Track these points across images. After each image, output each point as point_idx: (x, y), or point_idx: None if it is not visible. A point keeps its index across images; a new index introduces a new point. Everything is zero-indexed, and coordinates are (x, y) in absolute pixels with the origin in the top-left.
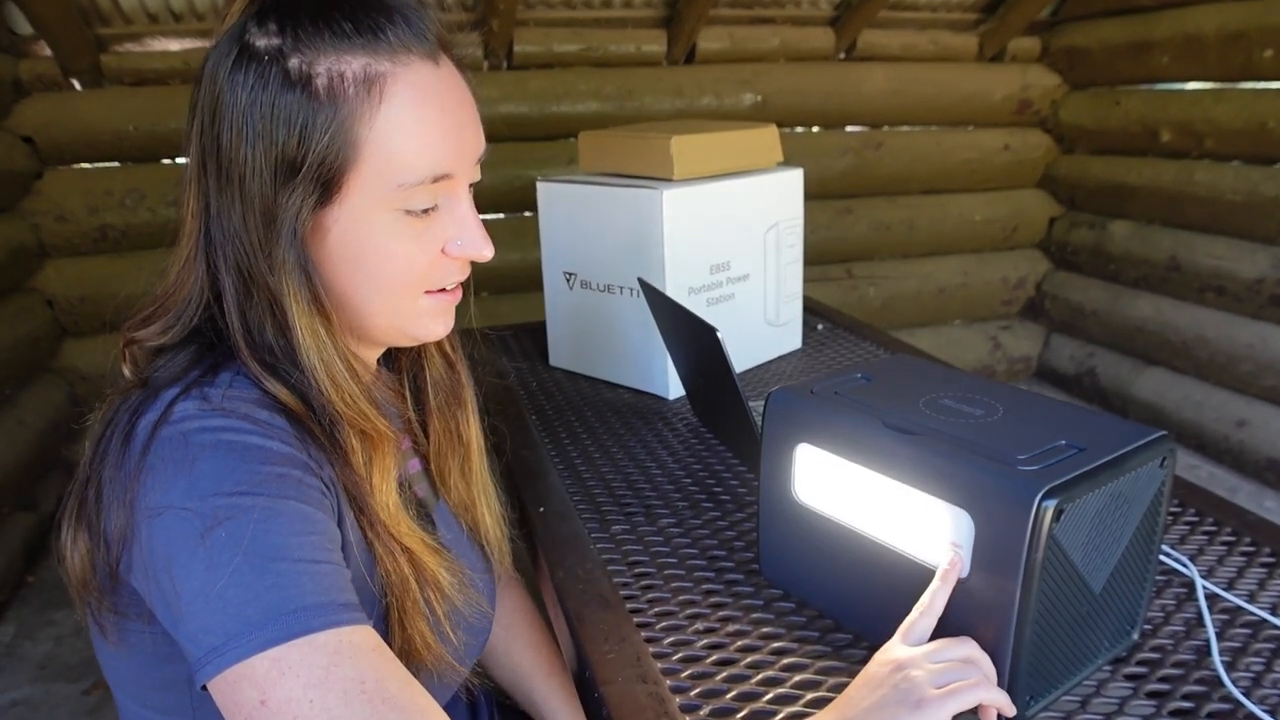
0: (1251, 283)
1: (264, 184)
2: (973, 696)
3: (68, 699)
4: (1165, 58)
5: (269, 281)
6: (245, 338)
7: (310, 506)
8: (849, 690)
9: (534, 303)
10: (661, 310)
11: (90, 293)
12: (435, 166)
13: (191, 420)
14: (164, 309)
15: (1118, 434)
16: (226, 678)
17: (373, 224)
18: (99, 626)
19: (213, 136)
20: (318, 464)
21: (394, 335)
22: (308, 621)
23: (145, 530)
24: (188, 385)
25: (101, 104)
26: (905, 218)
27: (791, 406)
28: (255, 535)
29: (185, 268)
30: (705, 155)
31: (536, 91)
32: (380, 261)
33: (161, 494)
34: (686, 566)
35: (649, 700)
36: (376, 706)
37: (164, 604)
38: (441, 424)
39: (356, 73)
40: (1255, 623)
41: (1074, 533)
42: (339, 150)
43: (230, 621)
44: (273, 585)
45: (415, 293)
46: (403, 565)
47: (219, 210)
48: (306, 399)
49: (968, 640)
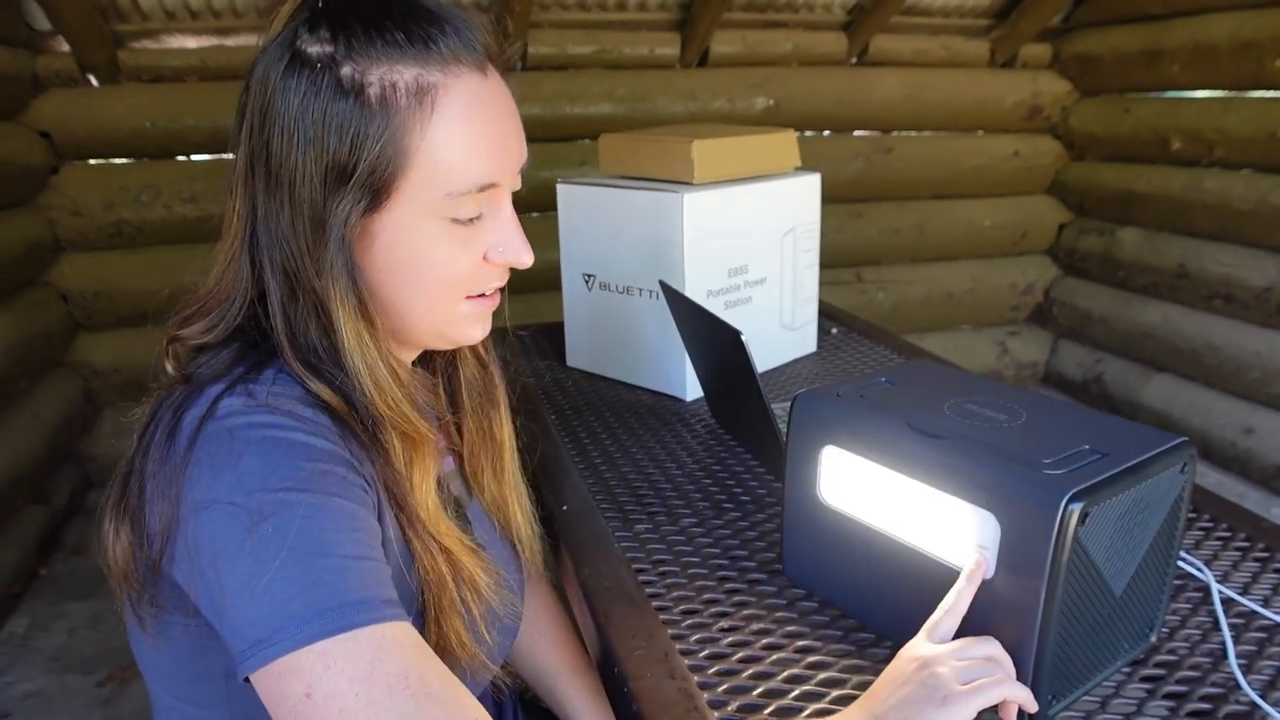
0: (1260, 290)
1: (314, 189)
2: (997, 693)
3: (81, 691)
4: (1176, 66)
5: (315, 285)
6: (289, 339)
7: (353, 503)
8: (875, 687)
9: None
10: (682, 313)
11: (105, 288)
12: (482, 176)
13: (237, 416)
14: (207, 308)
15: (1140, 440)
16: (271, 670)
17: (419, 231)
18: (137, 618)
19: (262, 141)
20: (359, 461)
21: (434, 339)
22: (352, 617)
23: (191, 524)
24: (232, 381)
25: (118, 100)
26: (915, 222)
27: (818, 409)
28: (301, 531)
29: (229, 268)
30: (725, 159)
31: (550, 93)
32: (425, 268)
33: (207, 488)
34: (709, 566)
35: (678, 696)
36: (420, 700)
37: (208, 597)
38: (475, 424)
39: (409, 83)
40: (1270, 627)
41: (1098, 536)
42: (390, 159)
43: (276, 616)
44: (318, 580)
45: (457, 298)
46: (441, 565)
47: (267, 213)
48: (349, 399)
49: (991, 639)
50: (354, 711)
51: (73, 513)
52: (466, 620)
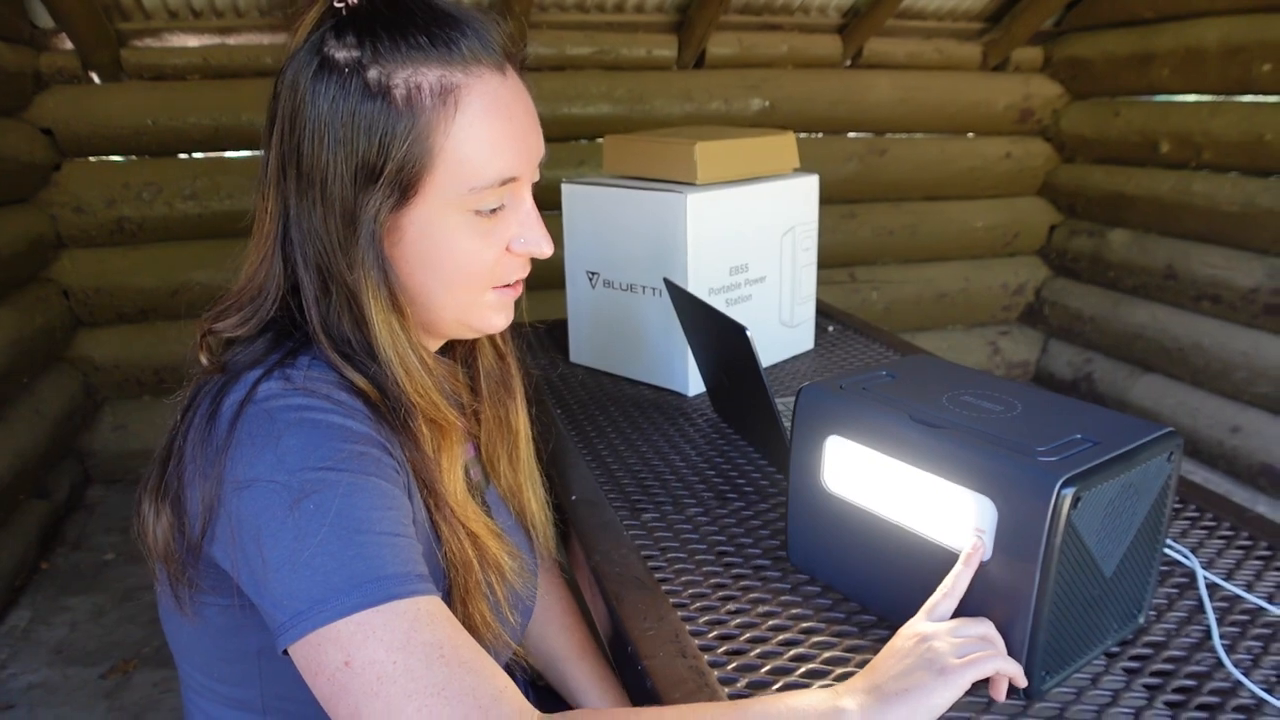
0: (1246, 292)
1: (345, 188)
2: (990, 666)
3: (85, 683)
4: (1165, 70)
5: (347, 279)
6: (324, 330)
7: (388, 483)
8: (877, 661)
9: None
10: (687, 309)
11: (106, 284)
12: (503, 170)
13: (276, 399)
14: (240, 303)
15: (1129, 429)
16: (310, 641)
17: (445, 224)
18: (175, 598)
19: (293, 144)
20: (391, 444)
21: (458, 328)
22: (390, 589)
23: (234, 501)
24: (270, 367)
25: (120, 98)
26: (908, 223)
27: (822, 401)
28: (341, 508)
29: (262, 265)
30: (726, 161)
31: (548, 93)
32: (451, 259)
33: (249, 467)
34: (716, 553)
35: (689, 673)
36: (454, 669)
37: (249, 571)
38: (492, 412)
39: (433, 84)
40: (1253, 610)
41: (1089, 519)
42: (417, 157)
43: (317, 588)
44: (357, 555)
45: (482, 288)
46: (467, 548)
47: (299, 212)
48: (382, 387)
49: (985, 620)
50: (392, 678)
51: (73, 507)
52: (491, 602)
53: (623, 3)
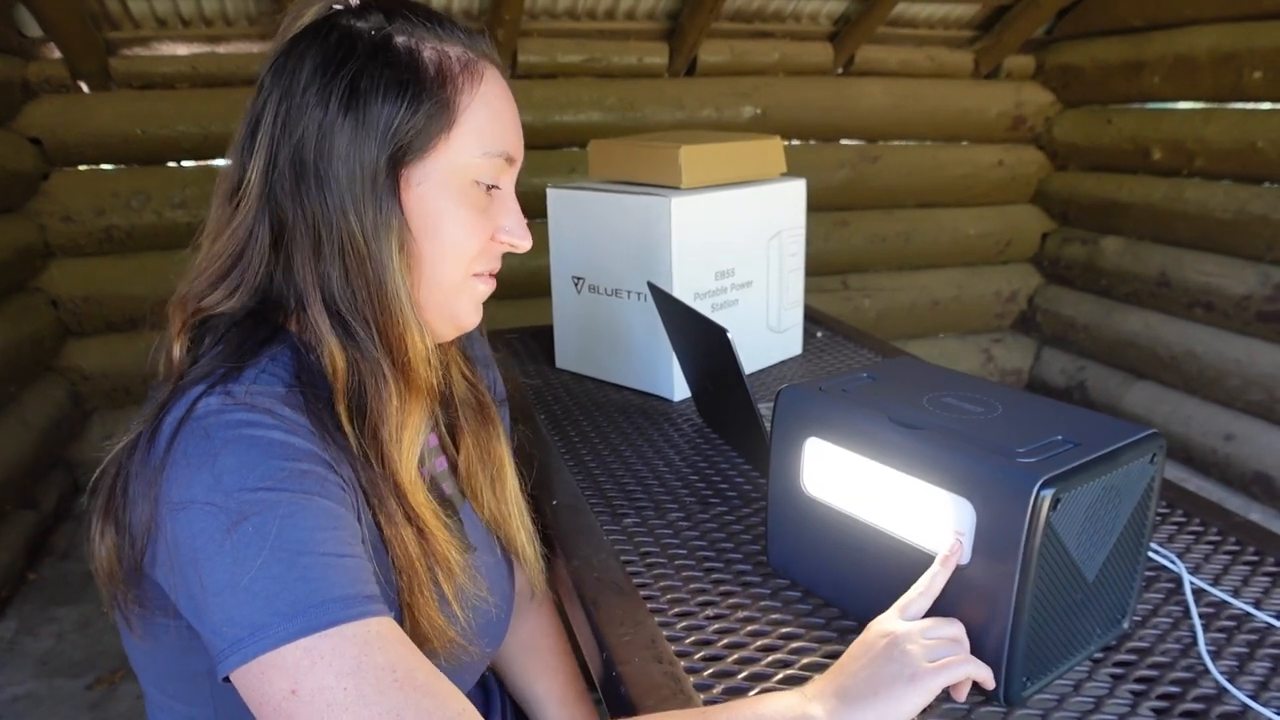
0: (1239, 299)
1: (366, 140)
2: (961, 671)
3: (70, 695)
4: (1157, 77)
5: (354, 227)
6: (317, 288)
7: (333, 502)
8: (844, 661)
9: (533, 309)
10: (670, 314)
11: (94, 293)
12: (508, 146)
13: (214, 415)
14: (222, 274)
15: (1110, 431)
16: (252, 669)
17: (453, 186)
18: (124, 619)
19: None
20: (337, 461)
21: (441, 318)
22: (338, 613)
23: (170, 524)
24: (212, 383)
25: (109, 107)
26: (900, 231)
27: (801, 403)
28: (282, 530)
29: (243, 226)
30: (712, 165)
31: (540, 101)
32: (452, 227)
33: (185, 488)
34: (696, 558)
35: (664, 679)
36: (409, 693)
37: (188, 597)
38: (472, 440)
39: (460, 56)
40: (1239, 616)
41: (1069, 522)
42: (441, 115)
43: (257, 614)
44: (300, 578)
45: (468, 271)
46: (411, 545)
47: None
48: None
49: (955, 621)
50: (343, 706)
51: (61, 518)
52: (439, 602)
53: (614, 10)
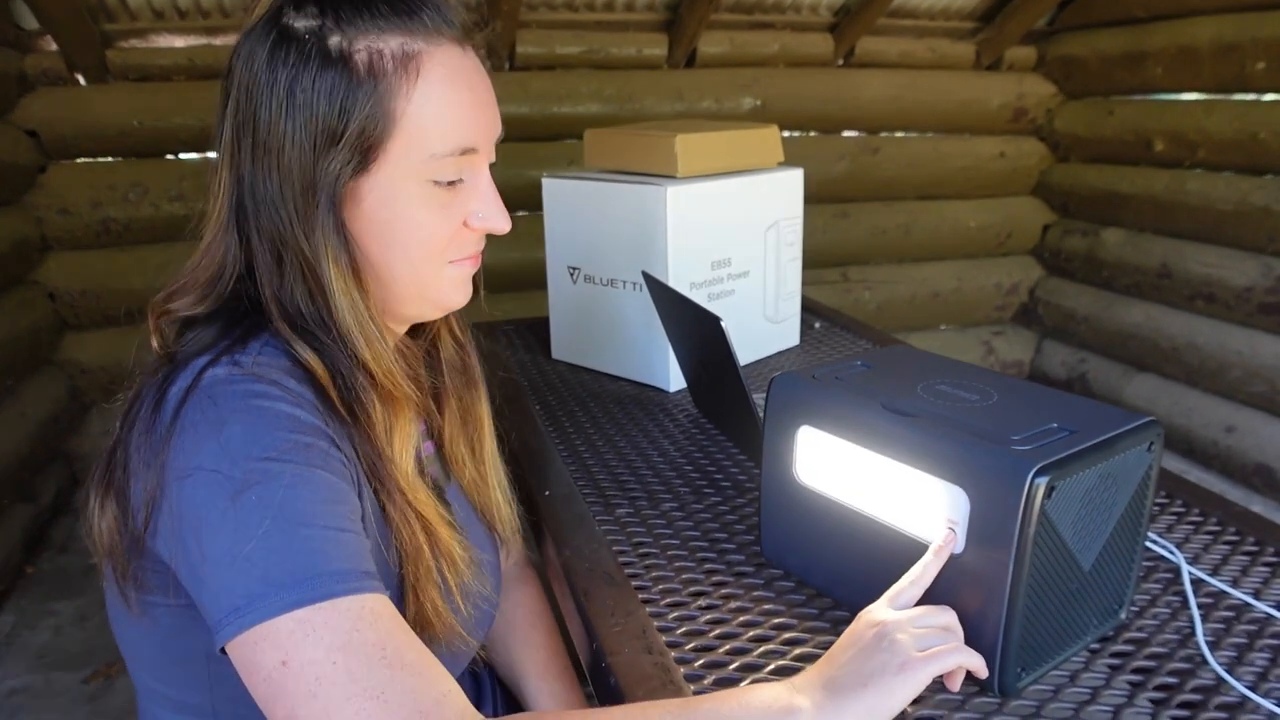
0: (1241, 290)
1: (303, 153)
2: (952, 660)
3: (68, 688)
4: (1159, 68)
5: (304, 248)
6: (277, 305)
7: (335, 477)
8: (833, 652)
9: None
10: (665, 303)
11: (92, 286)
12: (463, 140)
13: (222, 385)
14: (194, 282)
15: (1107, 419)
16: (247, 638)
17: (404, 193)
18: (122, 596)
19: (250, 112)
20: (339, 438)
21: (419, 304)
22: (333, 586)
23: (175, 492)
24: (218, 353)
25: (106, 99)
26: (901, 223)
27: (794, 390)
28: (284, 500)
29: (216, 241)
30: (708, 153)
31: (538, 92)
32: (409, 229)
33: (191, 456)
34: (689, 548)
35: (654, 669)
36: (396, 671)
37: (188, 566)
38: (455, 403)
39: (394, 50)
40: (1238, 606)
41: (1064, 510)
42: (377, 122)
43: (255, 583)
44: (300, 549)
45: (439, 262)
46: (418, 534)
47: (254, 181)
48: (334, 367)
49: (947, 609)
50: (331, 680)
51: (59, 511)
52: (442, 590)
53: (612, 1)
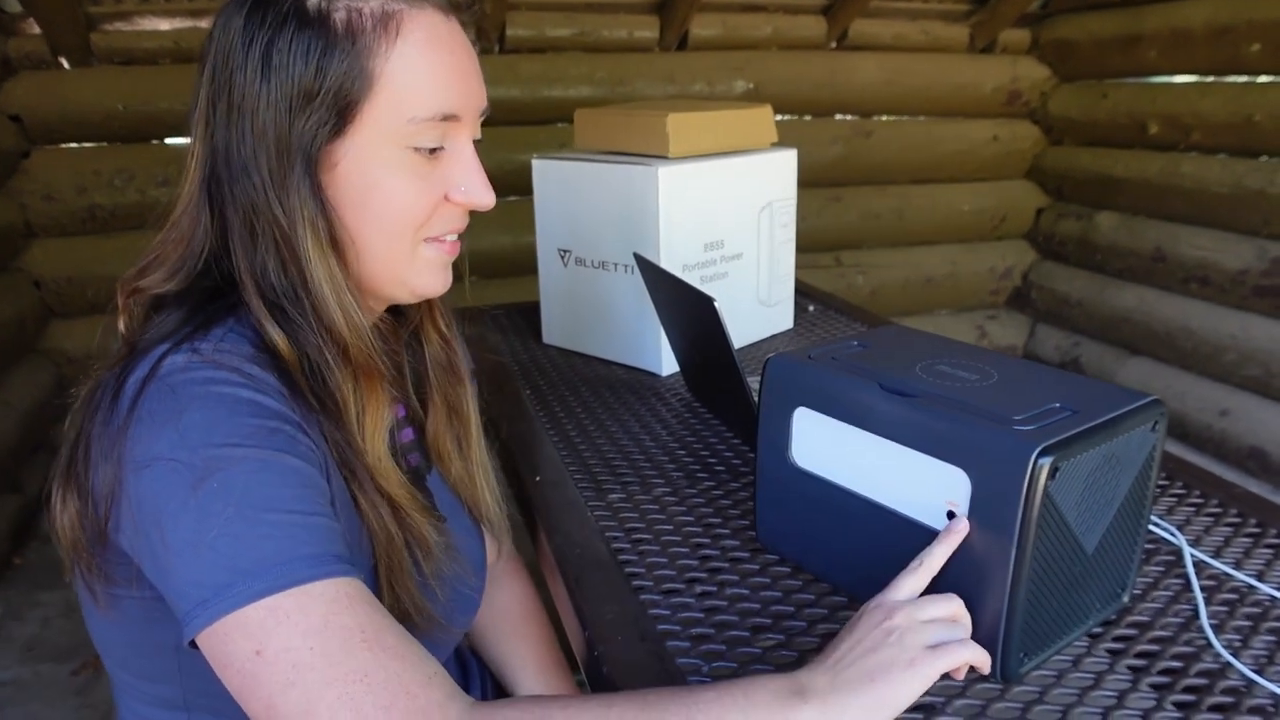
0: (1235, 273)
1: (279, 114)
2: (962, 656)
3: (56, 680)
4: (1153, 51)
5: (278, 214)
6: (251, 279)
7: (301, 461)
8: (838, 644)
9: (523, 286)
10: (657, 285)
11: (78, 273)
12: (444, 105)
13: (180, 372)
14: (165, 256)
15: (1110, 398)
16: (217, 630)
17: (382, 158)
18: (89, 591)
19: (225, 77)
20: (306, 424)
21: (394, 285)
22: (303, 571)
23: (133, 483)
24: (178, 341)
25: (90, 83)
26: (894, 207)
27: (790, 372)
28: (248, 487)
29: (187, 213)
30: (700, 134)
31: (528, 75)
32: (387, 198)
33: (149, 445)
34: (683, 533)
35: (649, 658)
36: (377, 654)
37: (152, 558)
38: (440, 398)
39: (375, 9)
40: (1242, 588)
41: (1068, 491)
42: (354, 80)
43: (221, 572)
44: (266, 536)
45: (416, 237)
46: (388, 521)
47: (228, 147)
48: (304, 347)
49: (954, 598)
50: (308, 665)
51: (46, 501)
52: (418, 580)
53: None
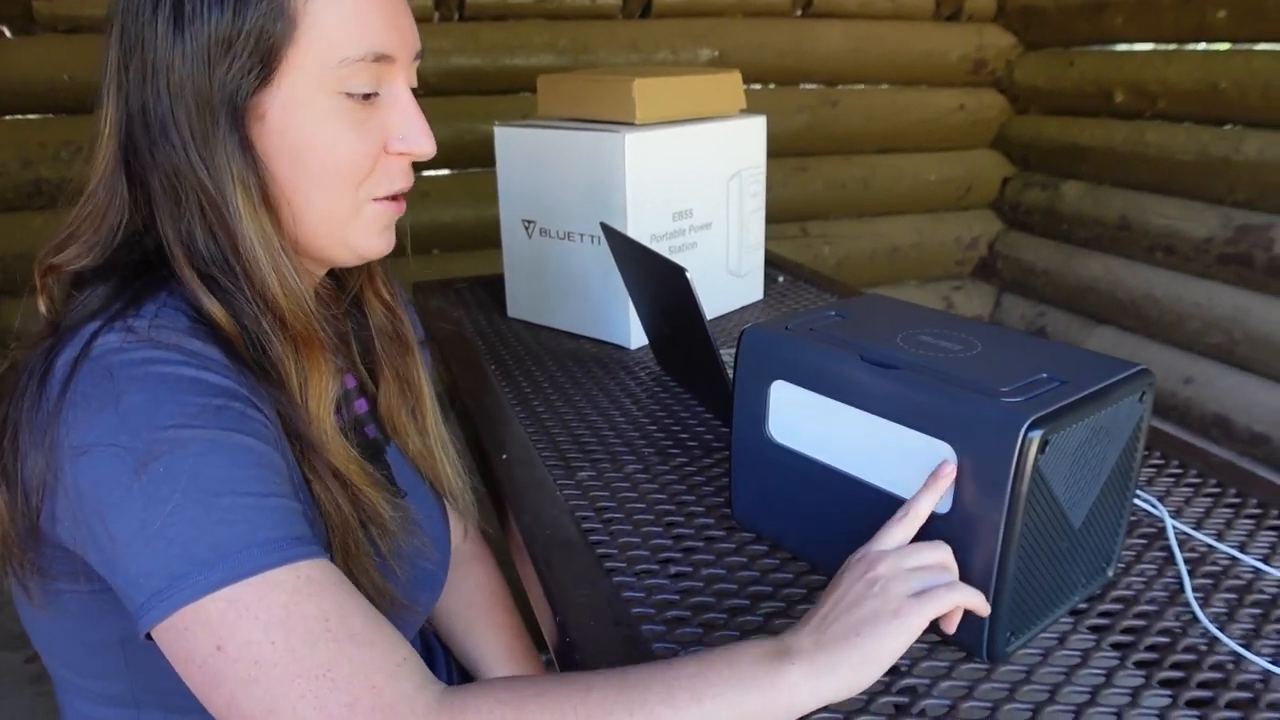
0: (1200, 242)
1: (196, 67)
2: (950, 599)
3: (10, 669)
4: (1119, 18)
5: (203, 176)
6: (180, 246)
7: (254, 439)
8: (823, 600)
9: (487, 259)
10: (625, 255)
11: (25, 249)
12: (375, 44)
13: (116, 353)
14: (81, 230)
15: (1099, 368)
16: (174, 623)
17: (313, 106)
18: (23, 589)
19: (136, 31)
20: (257, 398)
21: (337, 246)
22: (262, 558)
23: (70, 472)
24: (110, 318)
25: (33, 52)
26: (860, 176)
27: (766, 343)
28: (197, 469)
29: (102, 183)
30: (667, 99)
31: (489, 44)
32: (321, 149)
33: (86, 431)
34: (656, 512)
35: (623, 642)
36: (343, 645)
37: (98, 550)
38: (390, 370)
39: None
40: (1225, 560)
41: (1057, 465)
42: (275, 21)
43: (174, 562)
44: (220, 521)
45: (356, 194)
46: (341, 501)
47: (144, 109)
48: (240, 316)
49: (940, 544)
50: (271, 662)
51: None
52: (376, 561)
53: None
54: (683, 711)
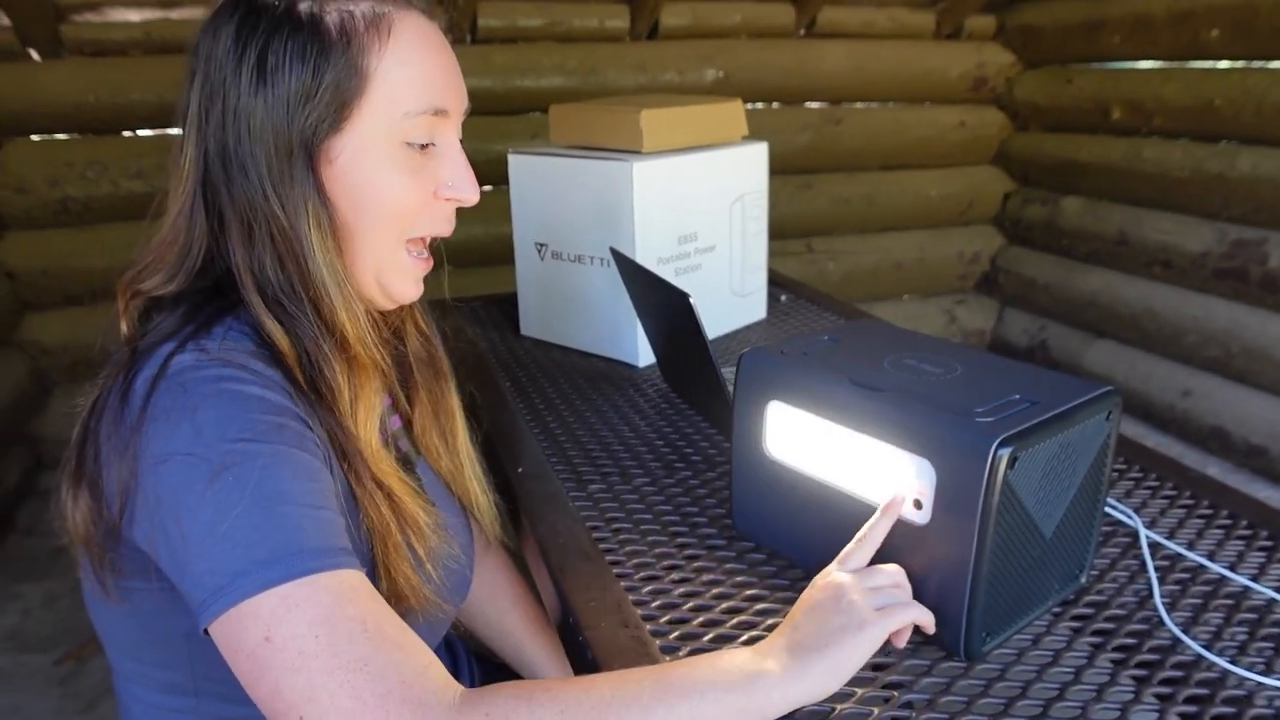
0: (1197, 256)
1: (277, 114)
2: (906, 616)
3: (39, 670)
4: (1116, 37)
5: (278, 212)
6: (250, 274)
7: (309, 455)
8: (793, 616)
9: (498, 276)
10: (633, 279)
11: (52, 265)
12: (435, 99)
13: (190, 371)
14: (161, 260)
15: (1067, 389)
16: (231, 616)
17: (377, 153)
18: (100, 584)
19: (219, 82)
20: (309, 417)
21: (373, 288)
22: (314, 562)
23: (150, 479)
24: (184, 340)
25: (60, 74)
26: (864, 193)
27: (763, 366)
28: (261, 480)
29: (182, 215)
30: (673, 128)
31: (500, 66)
32: (381, 191)
33: (165, 442)
34: (662, 522)
35: (631, 643)
36: (378, 645)
37: (169, 551)
38: (425, 396)
39: (365, 12)
40: (1194, 567)
41: (1027, 479)
42: (350, 78)
43: (237, 560)
44: (279, 527)
45: (401, 235)
46: (384, 509)
47: (224, 149)
48: (301, 339)
49: (894, 567)
50: (313, 654)
51: (25, 494)
52: (413, 563)
53: None
54: (674, 706)
